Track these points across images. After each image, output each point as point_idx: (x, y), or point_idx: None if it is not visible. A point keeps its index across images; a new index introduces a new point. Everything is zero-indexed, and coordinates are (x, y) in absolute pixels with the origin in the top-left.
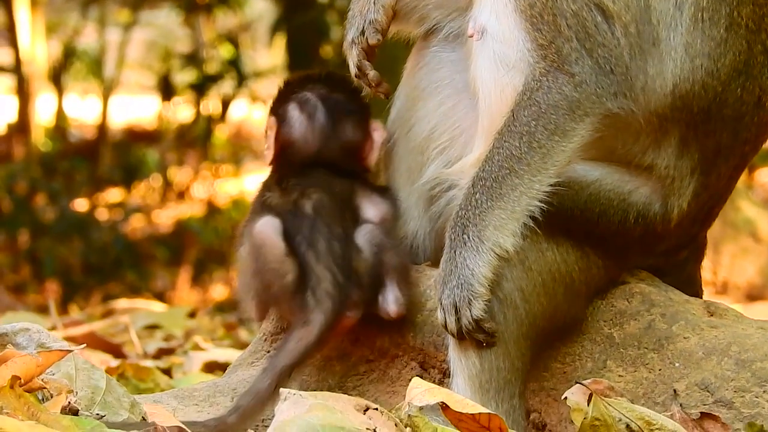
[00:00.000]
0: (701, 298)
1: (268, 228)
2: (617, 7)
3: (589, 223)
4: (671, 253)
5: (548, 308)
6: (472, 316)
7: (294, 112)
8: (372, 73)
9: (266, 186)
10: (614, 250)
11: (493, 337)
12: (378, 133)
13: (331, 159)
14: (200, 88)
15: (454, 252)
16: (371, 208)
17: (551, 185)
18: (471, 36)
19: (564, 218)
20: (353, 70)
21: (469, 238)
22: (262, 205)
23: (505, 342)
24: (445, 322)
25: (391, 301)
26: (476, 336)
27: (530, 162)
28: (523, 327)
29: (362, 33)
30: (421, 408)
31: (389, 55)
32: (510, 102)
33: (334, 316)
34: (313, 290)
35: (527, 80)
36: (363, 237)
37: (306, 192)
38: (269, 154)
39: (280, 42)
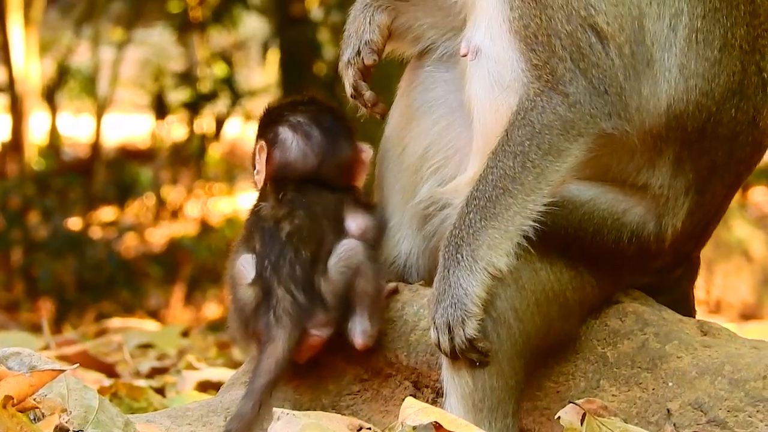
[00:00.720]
0: (695, 317)
1: (246, 263)
2: (611, 29)
3: (583, 242)
4: (665, 272)
5: (542, 327)
6: (465, 335)
7: (287, 134)
8: (368, 94)
9: (263, 195)
10: (608, 269)
11: (487, 357)
12: (365, 153)
13: (327, 177)
14: (194, 107)
15: (448, 271)
16: (353, 222)
17: (545, 205)
18: (464, 55)
19: (558, 237)
20: (349, 90)
21: (462, 257)
22: (253, 221)
23: (498, 361)
24: (439, 341)
25: (358, 332)
26: (469, 355)
27: (524, 182)
28: (517, 346)
29: (358, 53)
30: (414, 427)
31: (383, 73)
32: (504, 121)
33: (296, 332)
34: (274, 310)
35: (521, 100)
36: (338, 256)
37: (293, 212)
38: (260, 178)
39: (274, 60)
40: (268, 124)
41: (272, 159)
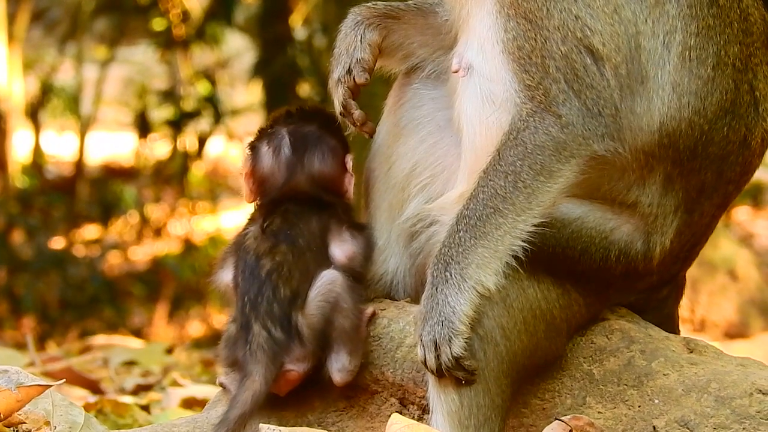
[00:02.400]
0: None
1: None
2: (607, 49)
3: (571, 260)
4: (652, 290)
5: (529, 345)
6: (452, 353)
7: (263, 146)
8: (357, 113)
9: (252, 219)
10: (595, 287)
11: (473, 375)
12: (350, 165)
13: (301, 191)
14: (177, 125)
15: (436, 289)
16: (339, 249)
17: (534, 225)
18: (456, 72)
19: (546, 255)
20: (338, 108)
21: (451, 275)
22: (237, 245)
23: (485, 379)
24: (425, 359)
25: (336, 369)
26: (456, 373)
27: (515, 201)
28: (503, 364)
29: (349, 72)
30: None
31: (366, 91)
32: (495, 139)
33: (272, 367)
34: (250, 345)
35: (514, 120)
36: (317, 289)
37: (275, 248)
38: (246, 191)
39: (258, 79)
40: (257, 136)
41: (253, 171)
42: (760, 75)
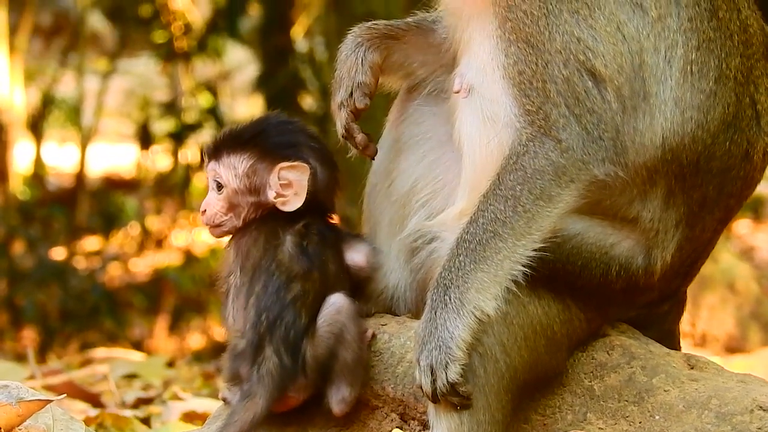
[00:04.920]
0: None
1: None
2: (609, 71)
3: (572, 276)
4: (653, 306)
5: (529, 361)
6: (447, 379)
7: (317, 161)
8: (360, 137)
9: (283, 229)
10: (596, 302)
11: (469, 401)
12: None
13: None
14: (179, 137)
15: (435, 313)
16: (356, 253)
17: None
18: (457, 92)
19: (546, 271)
20: (341, 131)
21: (450, 299)
22: (265, 257)
23: (485, 395)
24: (421, 383)
25: (336, 401)
26: (451, 399)
27: (514, 226)
28: (504, 380)
29: (350, 95)
30: None
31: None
32: (496, 159)
33: (276, 393)
34: (259, 366)
35: (514, 144)
36: (324, 317)
37: (309, 273)
38: (299, 201)
39: (260, 91)
40: (308, 148)
41: (311, 184)
42: (762, 88)
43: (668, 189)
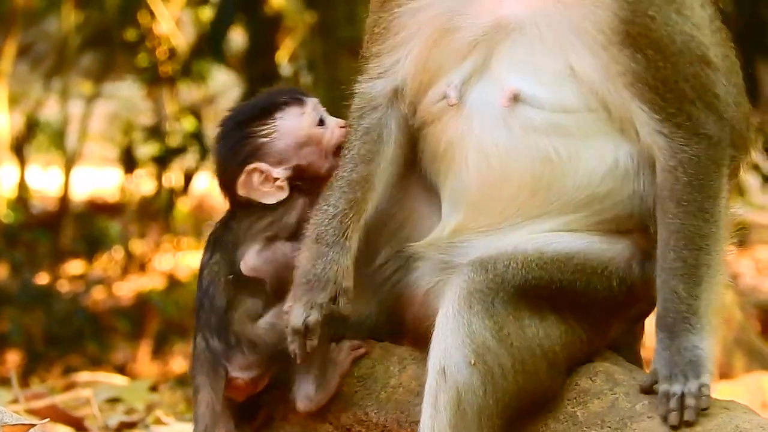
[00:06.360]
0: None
1: None
2: (717, 60)
3: (576, 294)
4: (640, 318)
5: (527, 385)
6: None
7: None
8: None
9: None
10: (599, 319)
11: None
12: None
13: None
14: (163, 161)
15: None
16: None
17: (537, 262)
18: (452, 105)
19: (550, 292)
20: (310, 345)
21: (692, 325)
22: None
23: (477, 420)
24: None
25: (300, 396)
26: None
27: (710, 235)
28: (499, 405)
29: (333, 300)
30: None
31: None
32: (546, 169)
33: (215, 375)
34: (196, 358)
35: (666, 156)
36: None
37: (210, 260)
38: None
39: None
40: None
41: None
42: None
43: None
